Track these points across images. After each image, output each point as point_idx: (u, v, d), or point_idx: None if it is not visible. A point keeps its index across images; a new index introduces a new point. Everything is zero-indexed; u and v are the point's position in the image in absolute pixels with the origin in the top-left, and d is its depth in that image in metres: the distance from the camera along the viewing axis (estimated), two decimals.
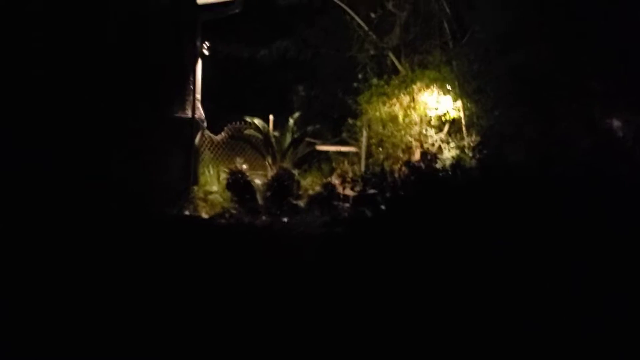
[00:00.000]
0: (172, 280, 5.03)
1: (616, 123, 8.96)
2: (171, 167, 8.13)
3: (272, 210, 7.65)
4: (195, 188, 8.20)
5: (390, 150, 9.73)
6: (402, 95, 9.75)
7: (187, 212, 7.79)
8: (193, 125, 8.27)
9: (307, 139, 10.17)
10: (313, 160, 10.93)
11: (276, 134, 9.25)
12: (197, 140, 8.35)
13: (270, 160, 8.72)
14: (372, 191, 5.55)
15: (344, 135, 10.54)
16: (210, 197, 7.98)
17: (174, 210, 7.77)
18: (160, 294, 4.65)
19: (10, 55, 6.62)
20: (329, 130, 11.65)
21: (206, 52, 8.74)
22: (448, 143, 9.69)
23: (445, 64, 9.55)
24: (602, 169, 7.54)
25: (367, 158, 9.94)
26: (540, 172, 6.30)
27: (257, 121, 8.74)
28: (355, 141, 10.29)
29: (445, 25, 9.64)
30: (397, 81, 9.80)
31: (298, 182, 8.20)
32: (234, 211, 7.64)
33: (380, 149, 9.87)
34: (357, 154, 10.30)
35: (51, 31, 6.98)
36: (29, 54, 6.78)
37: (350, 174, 9.83)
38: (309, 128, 9.06)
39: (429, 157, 9.84)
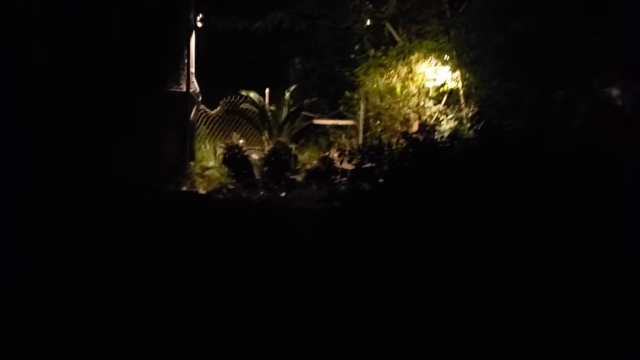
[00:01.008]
0: (169, 256, 5.03)
1: (615, 91, 8.91)
2: (167, 142, 8.08)
3: (270, 185, 7.62)
4: (192, 164, 8.15)
5: (388, 123, 9.67)
6: (399, 66, 9.65)
7: (184, 188, 7.76)
8: (188, 99, 8.19)
9: (304, 113, 10.10)
10: (310, 135, 10.87)
11: (272, 107, 9.18)
12: (192, 115, 8.28)
13: (267, 135, 8.66)
14: (369, 164, 5.48)
15: (342, 108, 10.46)
16: (207, 172, 7.94)
17: (172, 186, 7.74)
18: (158, 271, 4.67)
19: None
20: (326, 104, 11.56)
21: (200, 25, 8.60)
22: (446, 115, 9.64)
23: (443, 34, 9.43)
24: (600, 138, 7.54)
25: (365, 131, 9.88)
26: (537, 142, 6.27)
27: (252, 95, 8.65)
28: (353, 114, 10.21)
29: None
30: (394, 52, 9.69)
31: (295, 157, 8.16)
32: (231, 186, 7.62)
33: (378, 122, 9.80)
34: (355, 128, 10.24)
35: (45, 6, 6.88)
36: (21, 26, 6.69)
37: (348, 148, 9.79)
38: (306, 101, 8.97)
39: (427, 128, 9.81)
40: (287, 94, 8.70)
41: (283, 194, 7.38)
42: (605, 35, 8.18)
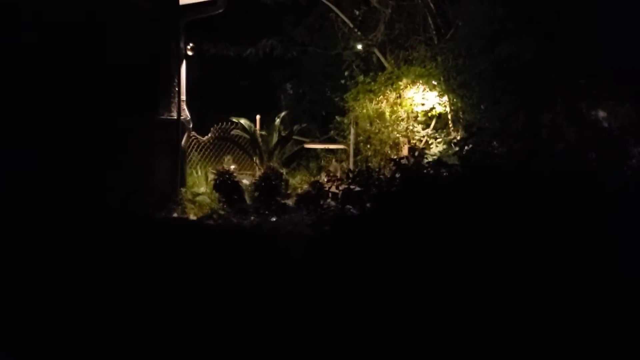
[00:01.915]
0: (160, 282, 5.05)
1: (602, 114, 9.03)
2: (158, 169, 8.11)
3: (261, 210, 7.65)
4: (183, 190, 8.18)
5: (378, 147, 9.77)
6: (388, 91, 9.79)
7: (175, 214, 7.78)
8: (179, 126, 8.25)
9: (296, 137, 10.19)
10: (302, 159, 10.96)
11: (263, 132, 9.26)
12: (183, 141, 8.34)
13: (257, 160, 8.73)
14: (357, 188, 5.54)
15: (332, 132, 10.57)
16: (198, 198, 7.97)
17: (163, 212, 7.76)
18: (148, 297, 4.67)
19: None
20: (317, 128, 11.70)
21: (190, 53, 8.72)
22: (435, 139, 9.75)
23: (431, 60, 9.59)
24: (588, 161, 7.63)
25: (355, 155, 9.98)
26: (524, 166, 6.35)
27: (243, 121, 8.74)
28: (344, 138, 10.32)
29: (430, 20, 9.68)
30: (383, 78, 9.84)
31: (286, 181, 8.21)
32: (222, 212, 7.64)
33: (368, 146, 9.91)
34: (345, 151, 10.34)
35: (37, 35, 6.98)
36: (15, 56, 6.79)
37: (339, 172, 9.87)
38: (296, 127, 9.07)
39: (417, 152, 9.92)
40: (277, 120, 8.80)
41: (274, 219, 7.41)
42: (591, 60, 8.33)
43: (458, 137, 9.42)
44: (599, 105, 8.82)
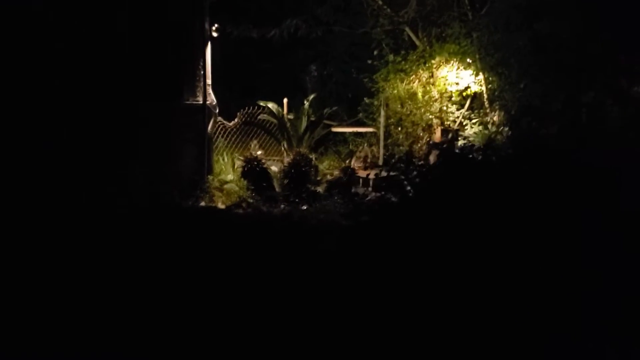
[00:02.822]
0: (189, 275, 4.75)
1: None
2: (184, 156, 7.77)
3: (291, 197, 7.28)
4: (210, 177, 7.83)
5: (410, 129, 9.31)
6: (420, 71, 9.31)
7: (202, 203, 7.45)
8: (205, 111, 7.88)
9: (324, 121, 9.76)
10: (329, 143, 10.53)
11: (291, 116, 8.84)
12: (209, 127, 7.97)
13: (285, 145, 8.32)
14: (394, 175, 5.12)
15: (361, 115, 10.11)
16: (226, 186, 7.61)
17: (190, 201, 7.43)
18: (178, 289, 4.37)
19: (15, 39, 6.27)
20: (345, 111, 11.23)
21: (215, 34, 8.30)
22: (470, 119, 9.25)
23: (465, 37, 9.05)
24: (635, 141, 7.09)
25: (385, 138, 9.53)
26: (573, 149, 5.89)
27: (271, 105, 8.32)
28: (373, 121, 9.86)
29: None
30: (414, 57, 9.34)
31: (316, 167, 7.81)
32: (250, 200, 7.28)
33: (399, 129, 9.45)
34: (375, 135, 9.89)
35: (59, 14, 6.62)
36: (35, 37, 6.44)
37: (370, 157, 9.45)
38: (326, 110, 8.60)
39: (450, 134, 9.44)
40: (306, 104, 8.35)
41: (304, 207, 7.04)
42: (630, 35, 7.76)
43: (495, 118, 8.93)
44: (638, 81, 8.27)
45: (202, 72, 7.94)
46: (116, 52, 7.00)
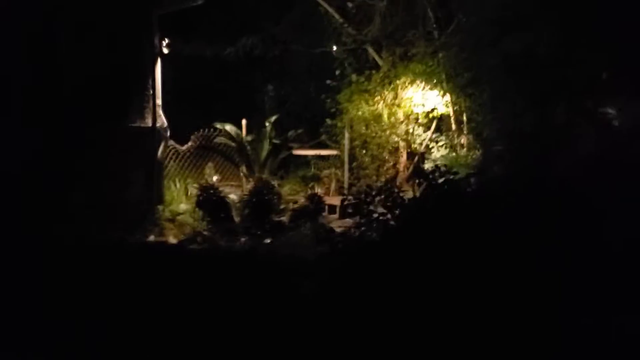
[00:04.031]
0: (132, 326, 3.84)
1: (610, 111, 8.10)
2: (131, 184, 6.80)
3: (252, 229, 6.42)
4: (161, 207, 6.90)
5: (376, 152, 8.65)
6: (385, 91, 8.68)
7: (152, 237, 6.50)
8: (154, 135, 6.96)
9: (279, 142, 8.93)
10: (290, 165, 9.75)
11: (249, 138, 8.00)
12: (160, 152, 7.04)
13: (245, 171, 7.45)
14: (381, 211, 4.37)
15: (323, 137, 9.38)
16: (179, 217, 6.69)
17: (137, 234, 6.47)
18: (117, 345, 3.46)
19: None
20: (305, 132, 10.48)
21: (166, 51, 7.41)
22: (437, 142, 8.67)
23: (431, 56, 8.49)
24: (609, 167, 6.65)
25: (350, 162, 8.82)
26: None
27: (228, 127, 7.45)
28: (336, 143, 9.15)
29: (430, 13, 8.55)
30: (379, 77, 8.70)
31: (279, 195, 6.98)
32: (207, 233, 6.39)
33: (365, 152, 8.77)
34: (338, 158, 9.16)
35: None
36: None
37: (333, 182, 8.71)
38: (290, 133, 7.80)
39: (417, 158, 8.82)
40: (268, 126, 7.51)
41: (268, 240, 6.19)
42: (600, 52, 7.37)
43: (463, 141, 8.37)
44: (605, 99, 7.91)
45: (151, 92, 7.03)
46: (50, 68, 6.01)
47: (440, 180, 4.40)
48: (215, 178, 7.74)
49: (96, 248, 5.73)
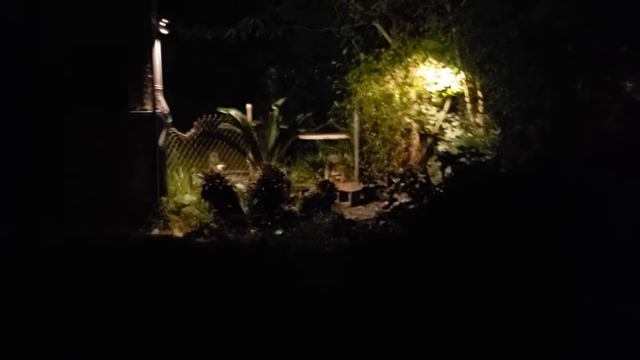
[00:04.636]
0: (136, 328, 3.48)
1: (629, 85, 7.61)
2: (133, 175, 6.37)
3: (262, 220, 5.98)
4: (165, 199, 6.45)
5: (387, 135, 8.16)
6: (396, 70, 8.16)
7: (156, 230, 6.07)
8: (155, 122, 6.49)
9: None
10: (297, 150, 9.29)
11: (255, 124, 7.51)
12: (161, 140, 6.57)
13: (252, 158, 6.99)
14: (404, 200, 3.92)
15: (331, 120, 8.90)
16: (184, 209, 6.25)
17: (140, 228, 6.05)
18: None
19: None
20: (311, 116, 9.98)
21: (165, 32, 6.90)
22: (450, 122, 8.18)
23: (443, 32, 7.95)
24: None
25: (360, 145, 8.34)
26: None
27: (233, 112, 6.94)
28: (345, 127, 8.67)
29: None
30: (389, 55, 8.18)
31: (289, 183, 6.52)
32: (214, 225, 5.95)
33: (375, 135, 8.29)
34: (348, 141, 8.69)
35: None
36: None
37: (343, 170, 8.24)
38: (299, 117, 7.30)
39: (430, 140, 8.33)
40: (276, 110, 7.00)
41: (279, 232, 5.75)
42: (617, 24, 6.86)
43: (479, 120, 7.87)
44: (625, 74, 7.40)
45: (150, 76, 6.55)
46: (43, 51, 5.54)
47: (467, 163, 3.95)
48: (220, 166, 7.27)
49: (95, 244, 5.34)
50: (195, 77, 11.60)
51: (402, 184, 3.95)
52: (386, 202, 4.26)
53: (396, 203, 4.03)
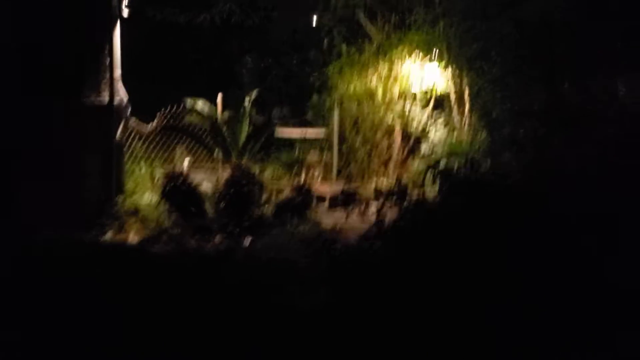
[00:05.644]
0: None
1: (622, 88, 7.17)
2: (85, 172, 5.63)
3: (229, 226, 5.30)
4: (121, 198, 5.75)
5: (369, 133, 7.55)
6: (380, 64, 7.53)
7: (109, 235, 5.36)
8: (112, 112, 5.75)
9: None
10: (271, 147, 8.59)
11: (225, 116, 6.81)
12: (119, 132, 5.84)
13: (221, 155, 6.29)
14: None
15: (309, 115, 8.24)
16: (142, 211, 5.55)
17: (92, 232, 5.34)
18: None
19: None
20: (288, 110, 9.30)
21: (126, 15, 6.13)
22: (434, 122, 7.60)
23: (431, 25, 7.34)
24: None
25: (340, 143, 7.72)
26: None
27: (201, 103, 6.20)
28: (324, 123, 8.02)
29: None
30: (373, 48, 7.55)
31: (261, 185, 5.84)
32: (174, 231, 5.27)
33: (355, 132, 7.67)
34: (326, 139, 8.03)
35: None
36: None
37: (321, 170, 7.60)
38: (275, 111, 6.61)
39: (412, 140, 7.75)
40: (248, 102, 6.28)
41: (249, 241, 5.10)
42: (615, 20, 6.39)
43: (466, 121, 7.32)
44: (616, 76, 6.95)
45: (108, 62, 5.79)
46: None
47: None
48: (186, 161, 6.56)
49: (39, 252, 4.63)
50: (165, 63, 10.82)
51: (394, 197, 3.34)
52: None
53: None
